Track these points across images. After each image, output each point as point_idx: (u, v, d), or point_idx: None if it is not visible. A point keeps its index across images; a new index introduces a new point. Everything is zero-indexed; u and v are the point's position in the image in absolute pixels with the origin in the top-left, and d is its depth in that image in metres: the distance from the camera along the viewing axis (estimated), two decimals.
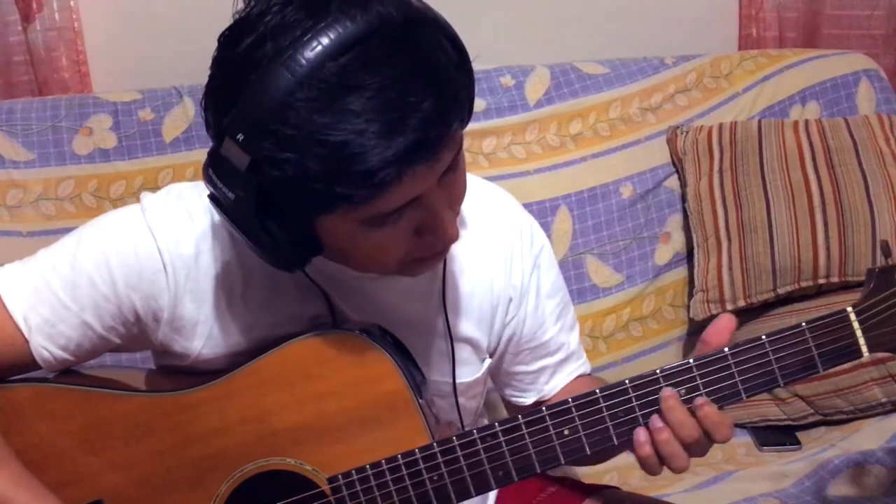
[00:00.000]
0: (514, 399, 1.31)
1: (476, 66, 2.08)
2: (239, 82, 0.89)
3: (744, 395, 1.06)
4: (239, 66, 0.90)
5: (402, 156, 0.87)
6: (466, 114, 0.98)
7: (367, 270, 1.10)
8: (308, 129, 0.87)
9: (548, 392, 1.29)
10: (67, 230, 1.15)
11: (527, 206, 1.83)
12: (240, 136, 0.89)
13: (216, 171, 0.93)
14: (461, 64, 0.94)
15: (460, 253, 1.20)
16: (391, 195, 0.91)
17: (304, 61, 0.86)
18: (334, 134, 0.86)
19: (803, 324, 1.06)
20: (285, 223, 0.96)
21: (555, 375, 1.29)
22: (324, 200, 0.91)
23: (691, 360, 1.06)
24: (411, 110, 0.87)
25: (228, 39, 0.93)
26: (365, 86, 0.86)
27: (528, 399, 1.30)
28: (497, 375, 1.31)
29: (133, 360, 1.61)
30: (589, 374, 1.34)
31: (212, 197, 0.97)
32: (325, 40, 0.87)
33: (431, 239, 0.99)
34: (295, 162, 0.88)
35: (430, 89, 0.88)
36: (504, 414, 1.45)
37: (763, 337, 1.06)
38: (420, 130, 0.87)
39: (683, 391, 1.05)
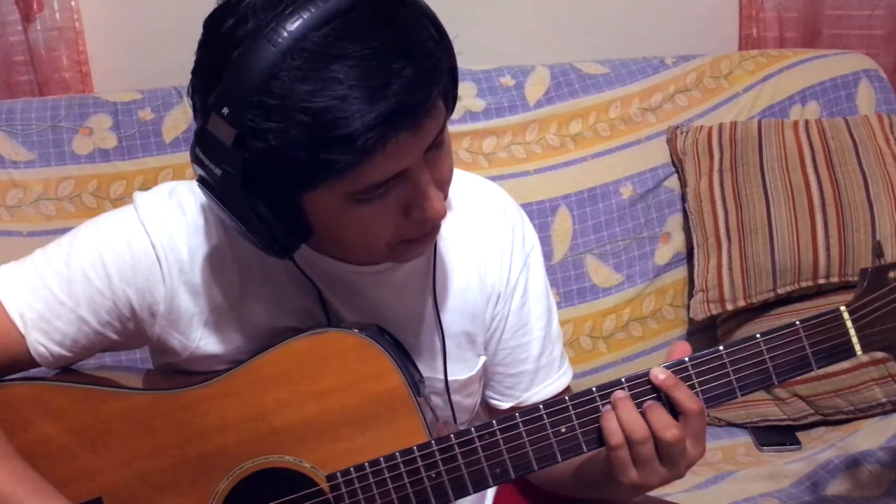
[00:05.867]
0: (491, 400, 1.30)
1: (476, 66, 2.10)
2: (223, 60, 0.91)
3: (738, 393, 1.06)
4: (222, 45, 0.92)
5: (384, 120, 0.88)
6: (450, 91, 1.00)
7: (357, 256, 1.11)
8: (291, 97, 0.88)
9: (525, 399, 1.28)
10: (67, 230, 1.16)
11: (527, 206, 1.85)
12: (225, 111, 0.90)
13: (203, 148, 0.94)
14: (441, 41, 0.96)
15: (453, 248, 1.21)
16: (375, 164, 0.92)
17: (286, 33, 0.88)
18: (317, 101, 0.88)
19: (797, 322, 1.07)
20: (273, 201, 0.96)
21: (534, 384, 1.28)
22: (309, 171, 0.92)
23: (687, 359, 1.06)
24: (393, 76, 0.88)
25: (212, 22, 0.95)
26: (347, 54, 0.88)
27: (504, 403, 1.29)
28: None
29: (133, 361, 1.62)
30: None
31: (200, 179, 0.98)
32: (305, 14, 0.88)
33: (419, 216, 0.99)
34: (279, 131, 0.89)
35: (409, 58, 0.90)
36: None
37: (758, 335, 1.06)
38: (401, 95, 0.89)
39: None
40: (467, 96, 2.00)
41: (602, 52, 2.18)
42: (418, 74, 0.90)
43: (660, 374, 1.05)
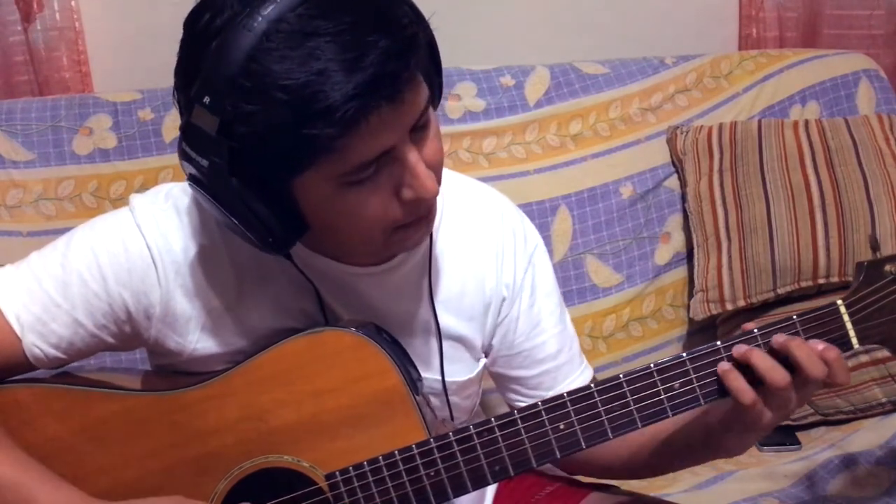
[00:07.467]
0: (517, 404, 1.30)
1: (476, 66, 2.10)
2: (202, 53, 0.92)
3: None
4: (200, 38, 0.93)
5: (363, 90, 0.89)
6: (432, 70, 1.01)
7: (354, 248, 1.11)
8: (270, 77, 0.89)
9: None
10: (67, 230, 1.16)
11: (527, 206, 1.85)
12: (206, 100, 0.91)
13: (189, 142, 0.95)
14: (417, 20, 0.97)
15: (449, 252, 1.21)
16: (360, 139, 0.92)
17: (261, 18, 0.90)
18: (295, 77, 0.89)
19: (794, 316, 1.06)
20: (263, 191, 0.97)
21: (557, 381, 1.28)
22: (294, 151, 0.92)
23: (684, 355, 1.06)
24: (369, 48, 0.90)
25: (190, 20, 0.96)
26: (322, 31, 0.89)
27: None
28: (499, 380, 1.31)
29: (132, 361, 1.62)
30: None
31: (190, 177, 0.98)
32: None
33: (411, 195, 0.99)
34: (260, 112, 0.90)
35: (384, 31, 0.91)
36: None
37: (755, 330, 1.06)
38: (378, 66, 0.90)
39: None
40: (467, 96, 2.01)
41: (602, 52, 2.18)
42: (394, 45, 0.91)
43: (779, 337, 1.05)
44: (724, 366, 1.04)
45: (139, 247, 1.10)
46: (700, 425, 1.13)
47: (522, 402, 1.29)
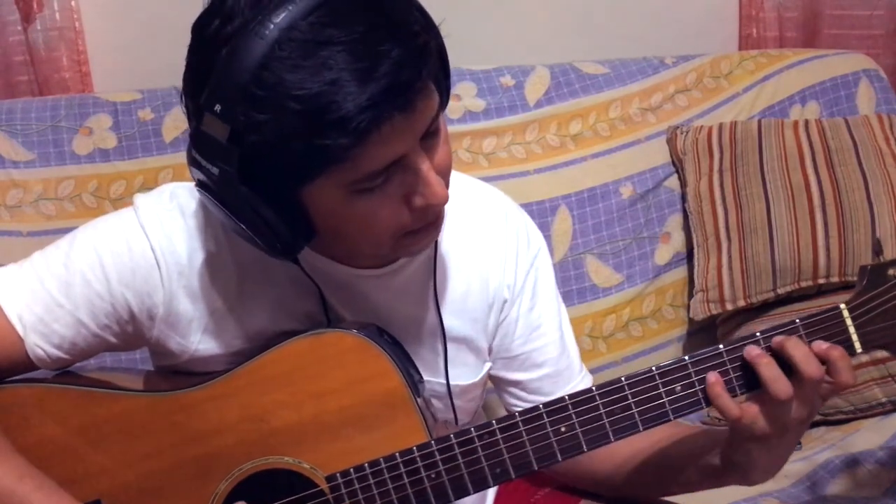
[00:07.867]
0: (515, 409, 1.29)
1: (476, 66, 2.10)
2: (212, 59, 0.91)
3: (738, 391, 1.06)
4: (211, 45, 0.92)
5: (377, 100, 0.89)
6: (441, 77, 1.00)
7: (362, 252, 1.11)
8: (283, 86, 0.88)
9: None
10: (67, 230, 1.16)
11: (527, 206, 1.84)
12: (217, 108, 0.90)
13: (199, 149, 0.94)
14: (427, 27, 0.96)
15: (454, 253, 1.20)
16: (372, 148, 0.92)
17: (272, 25, 0.89)
18: (308, 87, 0.88)
19: (797, 320, 1.06)
20: (273, 198, 0.96)
21: (557, 386, 1.27)
22: (306, 160, 0.92)
23: (686, 358, 1.06)
24: (382, 58, 0.89)
25: (199, 26, 0.95)
26: (335, 40, 0.89)
27: None
28: (498, 383, 1.30)
29: (133, 361, 1.62)
30: None
31: (199, 183, 0.98)
32: (291, 6, 0.89)
33: (421, 203, 0.99)
34: (272, 122, 0.89)
35: (396, 39, 0.90)
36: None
37: (758, 334, 1.05)
38: (392, 76, 0.89)
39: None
40: (467, 96, 2.01)
41: (602, 52, 2.18)
42: (406, 54, 0.90)
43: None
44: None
45: (143, 247, 1.10)
46: (707, 439, 1.13)
47: (521, 407, 1.28)
